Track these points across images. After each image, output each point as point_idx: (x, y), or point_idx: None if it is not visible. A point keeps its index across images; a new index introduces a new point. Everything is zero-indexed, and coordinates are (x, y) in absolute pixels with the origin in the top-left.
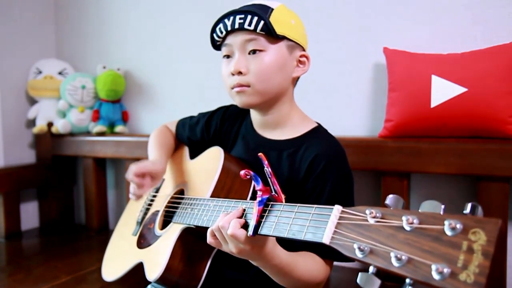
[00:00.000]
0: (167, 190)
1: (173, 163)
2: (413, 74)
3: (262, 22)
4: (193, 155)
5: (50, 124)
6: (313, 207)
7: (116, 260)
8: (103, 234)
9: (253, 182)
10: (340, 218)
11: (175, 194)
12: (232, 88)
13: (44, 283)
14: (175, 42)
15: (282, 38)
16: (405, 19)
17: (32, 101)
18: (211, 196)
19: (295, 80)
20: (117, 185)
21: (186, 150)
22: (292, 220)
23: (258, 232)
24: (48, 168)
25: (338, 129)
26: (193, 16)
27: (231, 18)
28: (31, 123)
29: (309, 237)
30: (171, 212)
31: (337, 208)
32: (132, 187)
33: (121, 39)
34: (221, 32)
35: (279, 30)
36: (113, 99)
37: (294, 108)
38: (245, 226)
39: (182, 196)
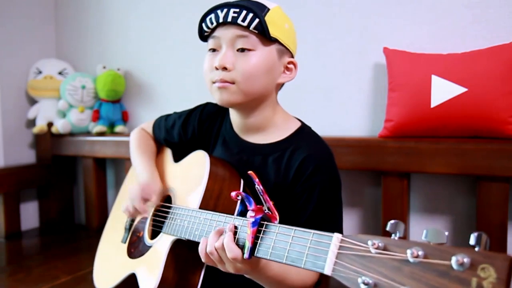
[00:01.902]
0: None
1: (157, 166)
2: (413, 74)
3: (257, 20)
4: (176, 157)
5: (50, 124)
6: (310, 232)
7: (108, 269)
8: None
9: (241, 186)
10: (340, 247)
11: (162, 201)
12: (214, 83)
13: (44, 283)
14: (175, 42)
15: (275, 40)
16: (405, 19)
17: (32, 101)
18: (200, 206)
19: (280, 86)
20: (117, 185)
21: (169, 152)
22: (290, 245)
23: (255, 255)
24: (48, 168)
25: (338, 129)
26: (194, 16)
27: (225, 10)
28: (31, 123)
29: (309, 266)
30: (159, 221)
31: (337, 237)
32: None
33: (121, 39)
34: (211, 23)
35: (272, 32)
36: (113, 99)
37: (277, 112)
38: (239, 245)
39: (170, 205)
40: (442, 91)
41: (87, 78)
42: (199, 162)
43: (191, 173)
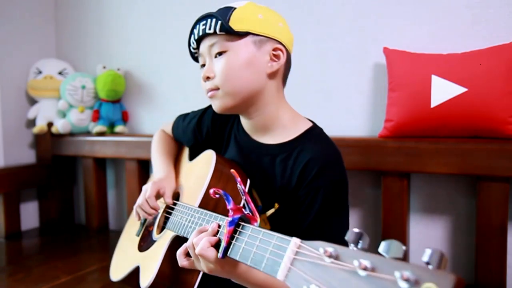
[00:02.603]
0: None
1: (175, 165)
2: (413, 74)
3: (219, 23)
4: (192, 156)
5: (50, 124)
6: (274, 235)
7: (121, 260)
8: (103, 234)
9: (247, 187)
10: (297, 253)
11: (173, 198)
12: (207, 94)
13: (44, 283)
14: (175, 42)
15: (245, 34)
16: (405, 19)
17: (32, 101)
18: (200, 204)
19: (280, 78)
20: (117, 185)
21: (186, 151)
22: (256, 247)
23: (228, 255)
24: (48, 168)
25: (338, 129)
26: (194, 16)
27: (197, 26)
28: (31, 123)
29: (267, 270)
30: (166, 218)
31: (294, 242)
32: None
33: (121, 39)
34: (193, 43)
35: (240, 27)
36: (113, 99)
37: (282, 109)
38: (218, 245)
39: (176, 202)
40: (442, 91)
41: (87, 78)
42: (206, 161)
43: (198, 171)
